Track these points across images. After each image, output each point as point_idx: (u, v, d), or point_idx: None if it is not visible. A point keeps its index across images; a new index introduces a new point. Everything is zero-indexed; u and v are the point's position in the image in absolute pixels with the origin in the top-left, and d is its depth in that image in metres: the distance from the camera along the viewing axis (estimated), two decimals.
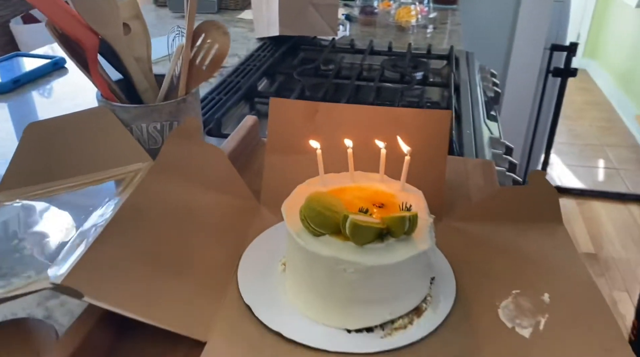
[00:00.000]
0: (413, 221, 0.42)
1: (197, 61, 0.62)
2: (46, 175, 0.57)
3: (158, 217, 0.50)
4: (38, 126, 0.59)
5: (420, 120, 0.58)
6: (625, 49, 3.40)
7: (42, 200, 0.55)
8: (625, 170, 2.62)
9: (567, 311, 0.45)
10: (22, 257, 0.47)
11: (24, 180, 0.57)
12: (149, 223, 0.49)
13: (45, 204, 0.54)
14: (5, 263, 0.44)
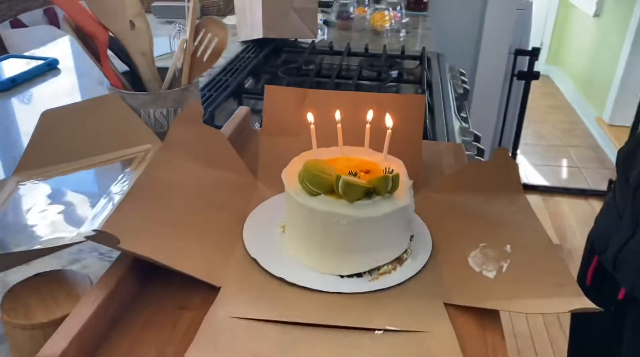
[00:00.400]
0: (395, 181, 0.50)
1: (198, 54, 0.69)
2: (62, 157, 0.63)
3: (171, 187, 0.57)
4: (52, 114, 0.65)
5: (399, 103, 0.67)
6: (585, 55, 3.60)
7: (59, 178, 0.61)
8: (587, 169, 2.78)
9: (525, 257, 0.54)
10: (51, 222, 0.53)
11: (40, 162, 0.63)
12: (165, 192, 0.56)
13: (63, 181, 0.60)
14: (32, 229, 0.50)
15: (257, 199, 0.64)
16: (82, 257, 0.58)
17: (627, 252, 0.71)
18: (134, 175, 0.59)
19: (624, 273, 0.72)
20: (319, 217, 0.49)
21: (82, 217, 0.52)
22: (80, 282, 0.46)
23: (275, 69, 1.17)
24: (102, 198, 0.55)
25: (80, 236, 0.47)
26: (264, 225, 0.59)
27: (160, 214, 0.53)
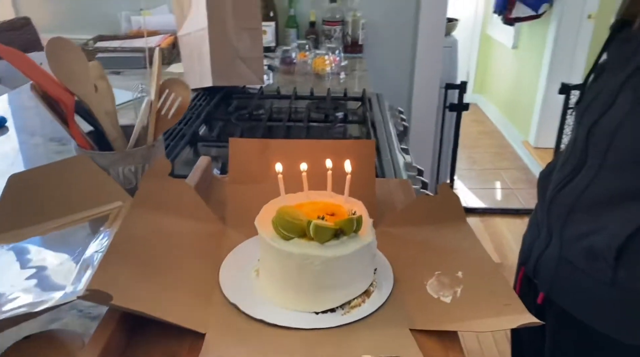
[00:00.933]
0: (359, 221, 0.56)
1: (162, 112, 0.73)
2: (33, 219, 0.65)
3: (148, 242, 0.60)
4: (20, 177, 0.66)
5: (352, 148, 0.73)
6: (507, 84, 3.91)
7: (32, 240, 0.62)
8: (519, 189, 2.99)
9: (475, 281, 0.61)
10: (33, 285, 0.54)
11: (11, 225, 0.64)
12: (142, 246, 0.59)
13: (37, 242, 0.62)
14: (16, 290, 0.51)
15: (229, 245, 0.68)
16: (61, 317, 0.59)
17: (544, 260, 0.81)
18: (110, 232, 0.61)
19: (542, 279, 0.82)
20: (294, 259, 0.54)
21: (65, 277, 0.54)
22: (72, 342, 0.48)
23: (228, 116, 1.22)
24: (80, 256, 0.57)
25: (68, 296, 0.49)
26: (238, 271, 0.62)
27: (141, 268, 0.56)
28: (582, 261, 0.74)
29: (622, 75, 0.69)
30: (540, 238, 0.82)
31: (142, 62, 1.68)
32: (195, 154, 1.10)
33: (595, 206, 0.72)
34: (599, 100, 0.72)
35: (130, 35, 1.90)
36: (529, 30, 3.45)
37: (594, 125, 0.71)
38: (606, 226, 0.70)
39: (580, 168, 0.74)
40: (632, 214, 0.67)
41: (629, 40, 0.71)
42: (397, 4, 2.05)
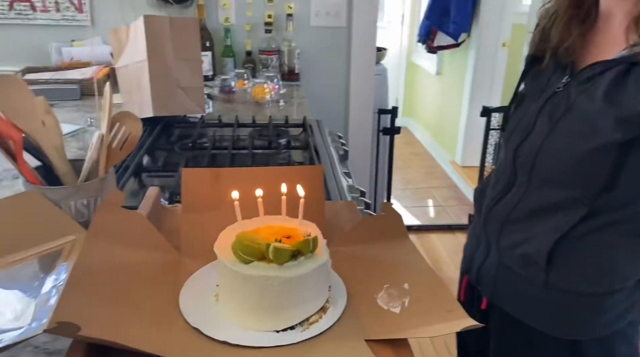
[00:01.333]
0: (315, 242, 0.60)
1: (113, 145, 0.75)
2: None
3: (105, 273, 0.61)
4: None
5: (302, 174, 0.78)
6: (433, 108, 4.14)
7: None
8: (450, 206, 3.16)
9: (420, 292, 0.66)
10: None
11: None
12: (100, 278, 0.60)
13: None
14: None
15: (185, 273, 0.69)
16: (17, 355, 0.58)
17: (485, 269, 0.89)
18: (67, 265, 0.61)
19: (485, 285, 0.90)
20: (255, 282, 0.57)
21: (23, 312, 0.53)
22: None
23: (171, 145, 1.23)
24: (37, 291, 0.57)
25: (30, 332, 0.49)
26: (197, 297, 0.64)
27: (101, 298, 0.57)
28: (519, 267, 0.82)
29: (538, 103, 0.79)
30: (480, 248, 0.90)
31: (76, 94, 1.65)
32: (140, 184, 1.10)
33: (526, 218, 0.81)
34: (521, 126, 0.81)
35: (62, 67, 1.85)
36: (450, 57, 3.70)
37: (518, 148, 0.81)
38: (536, 235, 0.78)
39: (512, 186, 0.83)
40: (556, 224, 0.76)
41: (540, 74, 0.82)
42: (329, 35, 2.15)
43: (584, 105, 0.72)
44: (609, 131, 0.68)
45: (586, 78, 0.73)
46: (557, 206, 0.76)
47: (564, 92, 0.76)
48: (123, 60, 1.41)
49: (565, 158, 0.73)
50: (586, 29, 0.78)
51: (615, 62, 0.70)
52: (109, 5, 1.95)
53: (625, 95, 0.68)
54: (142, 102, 1.36)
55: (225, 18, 2.07)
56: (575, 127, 0.73)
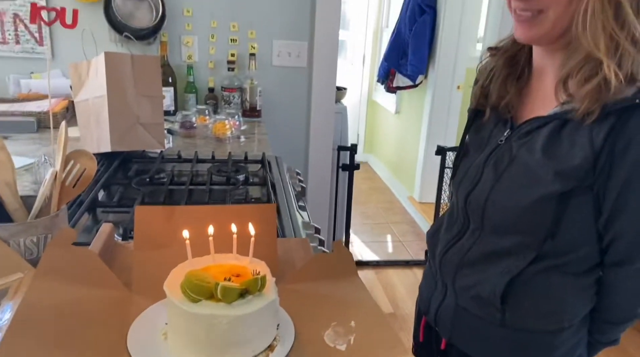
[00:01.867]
0: (263, 280, 0.62)
1: (67, 182, 0.75)
2: None
3: (52, 311, 0.61)
4: None
5: (254, 212, 0.80)
6: (393, 145, 4.26)
7: None
8: (408, 242, 3.22)
9: (365, 329, 0.69)
10: None
11: None
12: (46, 317, 0.60)
13: None
14: None
15: (135, 311, 0.69)
16: None
17: (443, 310, 0.92)
18: (12, 304, 0.61)
19: (443, 327, 0.93)
20: (203, 320, 0.59)
21: None
22: None
23: (128, 180, 1.23)
24: None
25: None
26: (146, 334, 0.65)
27: (46, 339, 0.57)
28: (475, 308, 0.86)
29: (484, 155, 0.85)
30: (437, 290, 0.94)
31: (33, 127, 1.63)
32: (95, 220, 1.09)
33: (479, 261, 0.85)
34: (469, 176, 0.86)
35: (19, 99, 1.83)
36: (408, 97, 3.84)
37: (468, 196, 0.85)
38: (488, 277, 0.82)
39: (465, 231, 0.88)
40: (507, 267, 0.81)
41: (483, 127, 0.88)
42: (291, 74, 2.21)
43: (525, 158, 0.77)
44: (548, 183, 0.74)
45: (525, 132, 0.79)
46: (507, 251, 0.81)
47: (506, 145, 0.81)
48: (83, 95, 1.41)
49: (511, 207, 0.78)
50: (522, 86, 0.84)
51: (550, 118, 0.76)
52: (69, 40, 1.96)
53: (561, 149, 0.73)
54: (100, 136, 1.36)
55: (189, 55, 2.10)
56: (518, 179, 0.78)
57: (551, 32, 0.73)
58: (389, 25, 4.09)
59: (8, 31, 1.95)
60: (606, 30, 0.67)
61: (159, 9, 1.94)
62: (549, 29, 0.72)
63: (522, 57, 0.85)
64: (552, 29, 0.72)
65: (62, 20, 0.74)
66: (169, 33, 2.05)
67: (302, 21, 2.14)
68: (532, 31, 0.74)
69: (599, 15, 0.67)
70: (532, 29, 0.74)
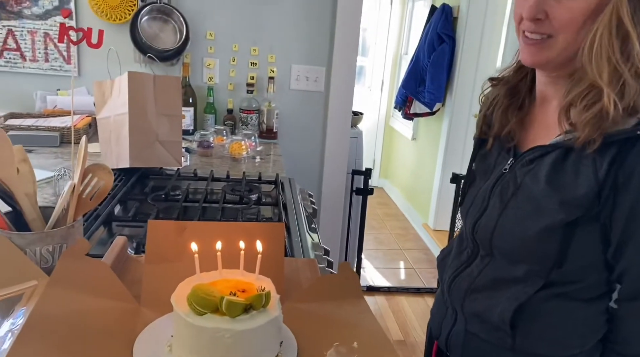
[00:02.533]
0: (267, 297, 0.63)
1: (84, 195, 0.78)
2: None
3: (62, 320, 0.63)
4: None
5: (263, 230, 0.82)
6: (408, 171, 4.27)
7: None
8: (420, 269, 3.19)
9: (368, 351, 0.69)
10: None
11: None
12: (57, 325, 0.62)
13: None
14: None
15: (142, 322, 0.71)
16: None
17: (454, 335, 0.92)
18: (25, 310, 0.63)
19: (454, 352, 0.92)
20: (207, 333, 0.60)
21: None
22: None
23: (144, 196, 1.26)
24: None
25: None
26: (151, 346, 0.66)
27: (55, 346, 0.59)
28: (485, 333, 0.85)
29: (489, 183, 0.85)
30: (448, 315, 0.93)
31: (55, 141, 1.68)
32: (110, 233, 1.12)
33: (487, 288, 0.85)
34: (476, 204, 0.87)
35: (45, 114, 1.90)
36: (425, 124, 3.86)
37: (476, 224, 0.86)
38: (497, 303, 0.82)
39: (475, 257, 0.88)
40: (515, 294, 0.80)
41: (487, 156, 0.89)
42: (308, 98, 2.25)
43: (530, 187, 0.78)
44: (553, 213, 0.74)
45: (528, 160, 0.80)
46: (516, 278, 0.81)
47: (511, 174, 0.82)
48: (105, 112, 1.46)
49: (518, 237, 0.79)
50: (524, 115, 0.85)
51: (552, 147, 0.76)
52: (95, 59, 2.03)
53: (565, 179, 0.74)
54: (119, 152, 1.40)
55: (210, 77, 2.16)
56: (523, 208, 0.78)
57: (558, 58, 0.74)
58: (408, 52, 4.15)
59: (38, 49, 2.03)
60: (611, 61, 0.68)
61: (183, 32, 2.00)
62: (556, 54, 0.73)
63: (523, 87, 0.86)
64: (559, 55, 0.73)
65: (88, 40, 0.78)
66: (191, 55, 2.11)
67: (321, 47, 2.19)
68: (539, 55, 0.75)
69: (605, 45, 0.68)
70: (540, 53, 0.75)
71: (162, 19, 2.03)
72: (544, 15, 0.72)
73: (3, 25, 1.99)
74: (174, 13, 2.01)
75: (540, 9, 0.72)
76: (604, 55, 0.68)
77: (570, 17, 0.71)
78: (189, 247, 0.72)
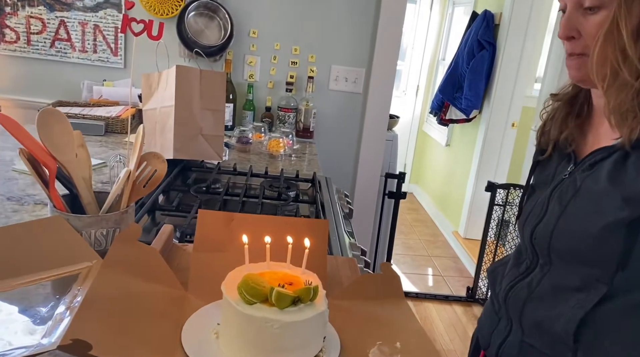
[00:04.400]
0: (315, 290, 0.64)
1: (137, 181, 0.80)
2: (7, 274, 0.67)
3: (116, 300, 0.65)
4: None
5: (308, 226, 0.82)
6: (440, 178, 4.22)
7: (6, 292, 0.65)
8: (449, 277, 3.15)
9: (410, 351, 0.69)
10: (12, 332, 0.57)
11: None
12: (111, 305, 0.63)
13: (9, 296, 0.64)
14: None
15: (190, 309, 0.73)
16: None
17: (507, 347, 0.89)
18: (82, 290, 0.65)
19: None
20: (255, 322, 0.61)
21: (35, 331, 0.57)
22: None
23: (187, 188, 1.28)
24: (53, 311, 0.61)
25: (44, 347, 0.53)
26: (198, 332, 0.67)
27: (110, 324, 0.60)
28: (544, 345, 0.82)
29: (548, 190, 0.84)
30: (500, 326, 0.91)
31: (101, 130, 1.73)
32: (153, 222, 1.15)
33: (548, 296, 0.82)
34: (535, 212, 0.86)
35: (91, 104, 1.96)
36: (460, 131, 3.82)
37: (534, 231, 0.85)
38: (560, 313, 0.79)
39: (535, 267, 0.86)
40: (578, 302, 0.77)
41: (547, 166, 0.88)
42: (346, 99, 2.26)
43: (590, 187, 0.77)
44: (615, 209, 0.72)
45: (589, 165, 0.78)
46: (577, 285, 0.78)
47: (570, 179, 0.81)
48: (151, 104, 1.50)
49: (577, 237, 0.77)
50: (582, 121, 0.85)
51: (614, 149, 0.75)
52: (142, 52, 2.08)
53: (626, 177, 0.72)
54: (163, 144, 1.43)
55: (250, 74, 2.19)
56: (584, 208, 0.77)
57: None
58: (445, 57, 4.11)
59: (88, 41, 2.10)
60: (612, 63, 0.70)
61: (227, 29, 2.04)
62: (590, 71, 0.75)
63: (582, 96, 0.87)
64: None
65: (149, 32, 0.80)
66: (234, 52, 2.15)
67: (361, 49, 2.19)
68: (579, 73, 0.77)
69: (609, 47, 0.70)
70: (579, 70, 0.77)
71: (208, 16, 2.06)
72: (577, 34, 0.75)
73: (56, 16, 2.06)
74: (220, 10, 2.04)
75: (572, 28, 0.75)
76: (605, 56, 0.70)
77: (598, 31, 0.72)
78: (237, 237, 0.73)
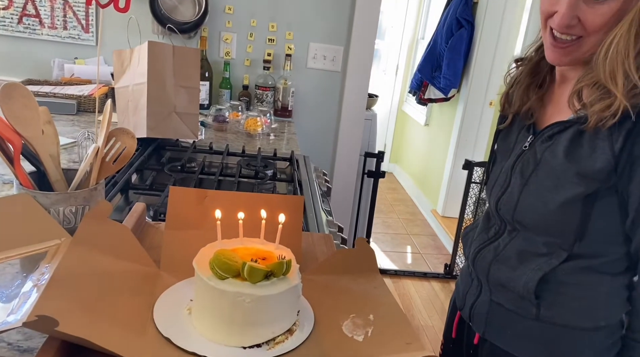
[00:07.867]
0: (288, 264, 0.64)
1: (107, 158, 0.79)
2: None
3: (85, 277, 0.64)
4: None
5: (283, 202, 0.82)
6: (420, 157, 4.25)
7: None
8: (427, 254, 3.20)
9: (383, 323, 0.70)
10: None
11: None
12: (80, 282, 0.62)
13: None
14: None
15: (162, 286, 0.72)
16: None
17: (478, 306, 0.93)
18: (50, 267, 0.64)
19: (477, 322, 0.94)
20: (228, 297, 0.61)
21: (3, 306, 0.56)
22: None
23: (161, 166, 1.26)
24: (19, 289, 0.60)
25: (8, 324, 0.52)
26: (171, 308, 0.67)
27: (79, 301, 0.60)
28: (510, 302, 0.87)
29: (510, 161, 0.87)
30: (473, 287, 0.95)
31: (73, 109, 1.69)
32: (126, 201, 1.13)
33: (511, 259, 0.86)
34: (499, 181, 0.89)
35: (62, 82, 1.90)
36: (439, 110, 3.83)
37: (499, 201, 0.88)
38: (521, 274, 0.83)
39: (503, 233, 0.90)
40: (539, 265, 0.82)
41: (508, 134, 0.91)
42: (324, 77, 2.24)
43: (549, 162, 0.80)
44: (572, 185, 0.77)
45: (547, 136, 0.82)
46: (540, 251, 0.83)
47: (531, 151, 0.84)
48: (123, 81, 1.46)
49: (539, 210, 0.81)
50: (543, 93, 0.87)
51: (570, 123, 0.78)
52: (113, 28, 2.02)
53: (582, 153, 0.76)
54: (137, 122, 1.41)
55: (227, 52, 2.15)
56: (544, 183, 0.81)
57: (582, 57, 0.77)
58: (425, 37, 4.10)
59: (57, 17, 2.03)
60: (624, 66, 0.71)
61: (202, 5, 1.99)
62: (582, 54, 0.77)
63: (544, 66, 0.89)
64: (585, 54, 0.77)
65: (116, 4, 0.77)
66: (209, 29, 2.10)
67: (340, 26, 2.17)
68: (568, 57, 0.78)
69: (621, 51, 0.71)
70: (569, 54, 0.78)
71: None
72: (576, 21, 0.75)
73: None
74: None
75: (573, 16, 0.74)
76: (618, 60, 0.71)
77: (602, 21, 0.73)
78: (210, 214, 0.73)
